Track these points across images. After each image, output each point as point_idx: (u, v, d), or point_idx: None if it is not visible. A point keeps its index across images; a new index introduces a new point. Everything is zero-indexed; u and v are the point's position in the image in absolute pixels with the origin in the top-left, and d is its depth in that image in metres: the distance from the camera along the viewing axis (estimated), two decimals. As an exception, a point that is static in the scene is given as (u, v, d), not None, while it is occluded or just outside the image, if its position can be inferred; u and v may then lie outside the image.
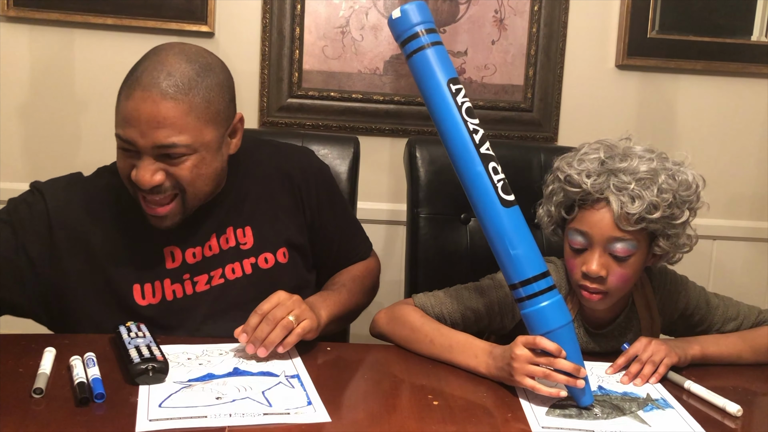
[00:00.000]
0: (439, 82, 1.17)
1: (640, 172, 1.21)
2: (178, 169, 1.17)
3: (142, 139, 1.13)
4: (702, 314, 1.40)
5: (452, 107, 1.16)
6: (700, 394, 1.17)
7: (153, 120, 1.12)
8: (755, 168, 2.20)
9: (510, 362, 1.12)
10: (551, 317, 1.12)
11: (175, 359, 1.15)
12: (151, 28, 1.97)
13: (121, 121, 1.15)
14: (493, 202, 1.15)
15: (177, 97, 1.12)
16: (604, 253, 1.23)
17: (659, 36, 2.09)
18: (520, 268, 1.14)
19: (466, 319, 1.32)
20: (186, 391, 1.04)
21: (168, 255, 1.27)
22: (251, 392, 1.05)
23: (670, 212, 1.22)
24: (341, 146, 1.68)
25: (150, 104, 1.11)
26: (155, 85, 1.12)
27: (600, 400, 1.14)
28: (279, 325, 1.15)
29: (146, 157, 1.15)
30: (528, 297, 1.14)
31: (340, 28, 2.04)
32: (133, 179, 1.16)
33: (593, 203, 1.23)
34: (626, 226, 1.21)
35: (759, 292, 2.22)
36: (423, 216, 1.66)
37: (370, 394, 1.10)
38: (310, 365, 1.16)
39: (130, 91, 1.13)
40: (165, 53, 1.17)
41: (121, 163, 1.19)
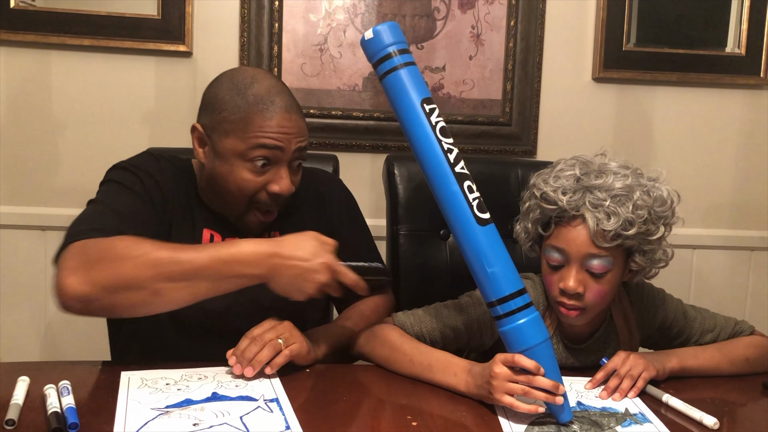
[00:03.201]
0: (412, 102, 1.18)
1: (615, 188, 1.22)
2: (295, 177, 1.35)
3: (288, 145, 1.30)
4: (680, 327, 1.41)
5: (426, 127, 1.17)
6: (678, 407, 1.18)
7: (297, 132, 1.31)
8: (732, 177, 2.22)
9: (489, 380, 1.12)
10: (529, 334, 1.13)
11: (153, 385, 1.14)
12: (128, 49, 1.97)
13: (262, 135, 1.28)
14: (468, 221, 1.15)
15: (299, 112, 1.34)
16: (581, 270, 1.24)
17: (635, 48, 2.11)
18: (497, 286, 1.14)
19: (446, 337, 1.32)
20: (163, 418, 1.03)
21: (207, 235, 1.37)
22: (229, 417, 1.04)
23: (645, 228, 1.23)
24: (320, 164, 1.69)
25: (292, 121, 1.31)
26: (291, 106, 1.32)
27: (579, 416, 1.14)
28: (267, 345, 1.19)
29: (283, 169, 1.31)
30: (505, 315, 1.14)
31: (318, 46, 2.05)
32: (276, 191, 1.31)
33: (569, 220, 1.24)
34: (602, 243, 1.22)
35: (739, 299, 2.24)
36: (403, 233, 1.66)
37: (349, 416, 1.09)
38: (290, 388, 1.16)
39: (269, 113, 1.29)
40: (266, 78, 1.34)
41: (252, 182, 1.31)
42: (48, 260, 2.00)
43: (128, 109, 2.01)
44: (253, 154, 1.29)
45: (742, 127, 2.20)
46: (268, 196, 1.32)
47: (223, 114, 1.30)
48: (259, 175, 1.31)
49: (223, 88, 1.32)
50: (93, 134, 2.00)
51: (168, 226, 1.33)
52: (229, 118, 1.29)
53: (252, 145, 1.28)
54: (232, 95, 1.30)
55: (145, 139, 2.01)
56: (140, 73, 2.00)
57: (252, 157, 1.29)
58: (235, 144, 1.29)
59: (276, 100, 1.30)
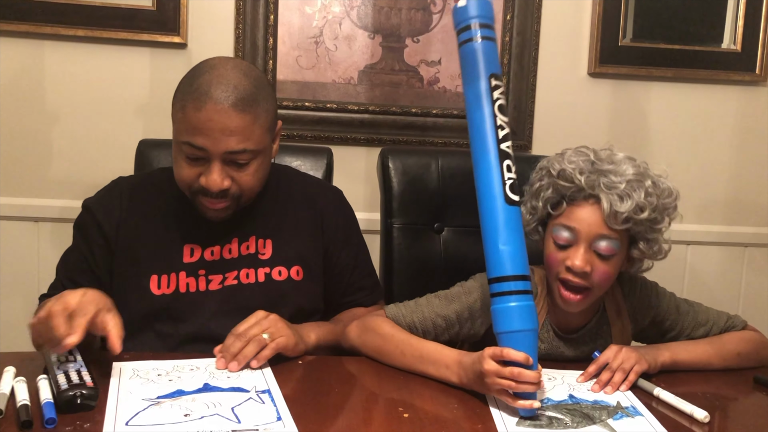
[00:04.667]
0: (479, 73, 1.22)
1: (628, 174, 1.25)
2: (242, 174, 1.29)
3: (215, 146, 1.24)
4: (672, 320, 1.41)
5: (485, 99, 1.20)
6: (669, 400, 1.18)
7: (226, 129, 1.23)
8: (727, 173, 2.22)
9: (482, 377, 1.12)
10: (518, 318, 1.13)
11: (145, 376, 1.14)
12: (122, 40, 1.96)
13: (191, 130, 1.24)
14: (496, 196, 1.18)
15: (245, 109, 1.24)
16: (589, 250, 1.26)
17: (631, 44, 2.11)
18: (503, 264, 1.16)
19: (437, 326, 1.32)
20: (154, 409, 1.03)
21: (188, 251, 1.36)
22: (220, 408, 1.04)
23: (653, 216, 1.26)
24: (315, 157, 1.68)
25: (223, 115, 1.23)
26: (226, 99, 1.23)
27: (570, 408, 1.14)
28: (252, 341, 1.19)
29: (215, 164, 1.26)
30: (501, 293, 1.15)
31: (313, 38, 2.04)
32: (204, 185, 1.27)
33: (583, 200, 1.26)
34: (614, 225, 1.24)
35: (732, 295, 2.25)
36: (397, 226, 1.66)
37: (340, 408, 1.09)
38: (281, 379, 1.16)
39: (200, 104, 1.23)
40: (223, 68, 1.27)
41: (186, 171, 1.29)
42: (41, 251, 2.00)
43: (122, 100, 2.00)
44: (183, 148, 1.27)
45: (737, 124, 2.20)
46: (201, 188, 1.29)
47: (174, 100, 1.30)
48: (192, 165, 1.28)
49: (186, 74, 1.32)
50: (87, 126, 1.99)
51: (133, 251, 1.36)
52: (175, 105, 1.29)
53: (182, 139, 1.26)
54: (185, 81, 1.29)
55: (139, 131, 2.00)
56: (135, 64, 1.99)
57: (184, 150, 1.27)
58: (174, 133, 1.30)
59: (213, 92, 1.23)
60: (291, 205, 1.45)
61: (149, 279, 1.34)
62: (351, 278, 1.48)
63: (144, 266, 1.35)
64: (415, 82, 2.09)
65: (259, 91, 1.28)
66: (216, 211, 1.32)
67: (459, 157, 1.77)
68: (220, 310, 1.34)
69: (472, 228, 1.69)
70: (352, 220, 1.53)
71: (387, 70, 2.08)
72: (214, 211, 1.32)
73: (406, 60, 2.08)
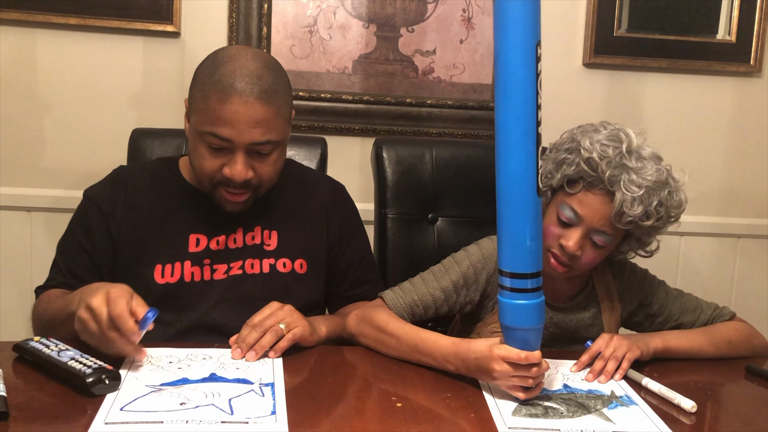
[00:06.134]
0: (529, 38, 1.03)
1: (649, 179, 1.25)
2: (263, 164, 1.30)
3: (240, 137, 1.25)
4: (660, 304, 1.45)
5: (532, 72, 1.04)
6: (657, 390, 1.19)
7: (252, 121, 1.24)
8: (720, 164, 2.23)
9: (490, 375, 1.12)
10: (536, 316, 1.12)
11: (157, 362, 1.15)
12: (115, 28, 1.95)
13: (215, 120, 1.24)
14: (530, 187, 1.08)
15: (269, 101, 1.25)
16: (585, 236, 1.29)
17: (626, 34, 2.11)
18: (528, 261, 1.11)
19: (437, 299, 1.35)
20: (153, 396, 1.03)
21: (193, 240, 1.36)
22: (218, 399, 1.03)
23: (657, 224, 1.30)
24: (308, 147, 1.68)
25: (249, 107, 1.23)
26: (251, 91, 1.24)
27: (565, 398, 1.15)
28: (269, 331, 1.20)
29: (240, 155, 1.26)
30: (522, 290, 1.11)
31: (307, 28, 2.03)
32: (228, 175, 1.27)
33: (599, 190, 1.27)
34: (617, 223, 1.27)
35: (725, 286, 2.26)
36: (391, 216, 1.66)
37: (333, 398, 1.09)
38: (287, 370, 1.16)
39: (225, 95, 1.23)
40: (244, 58, 1.27)
41: (208, 162, 1.28)
42: (34, 241, 1.99)
43: (115, 89, 1.99)
44: (206, 138, 1.27)
45: (732, 115, 2.20)
46: (224, 178, 1.29)
47: (194, 91, 1.29)
48: (215, 156, 1.28)
49: (204, 63, 1.31)
50: (79, 115, 1.98)
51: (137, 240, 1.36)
52: (196, 96, 1.28)
53: (205, 129, 1.26)
54: (205, 72, 1.28)
55: (133, 120, 1.99)
56: (128, 53, 1.98)
57: (207, 141, 1.27)
58: (196, 123, 1.28)
59: (237, 83, 1.23)
60: (297, 198, 1.45)
61: (153, 268, 1.34)
62: (356, 273, 1.49)
63: (148, 255, 1.35)
64: (410, 72, 2.08)
65: (280, 81, 1.29)
66: (236, 204, 1.33)
67: (453, 147, 1.77)
68: (224, 300, 1.34)
69: (466, 218, 1.71)
70: (356, 215, 1.53)
71: (381, 60, 2.07)
72: (234, 204, 1.33)
73: (400, 50, 2.07)
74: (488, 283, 1.38)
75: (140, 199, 1.38)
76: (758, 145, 2.22)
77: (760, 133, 2.21)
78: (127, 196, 1.38)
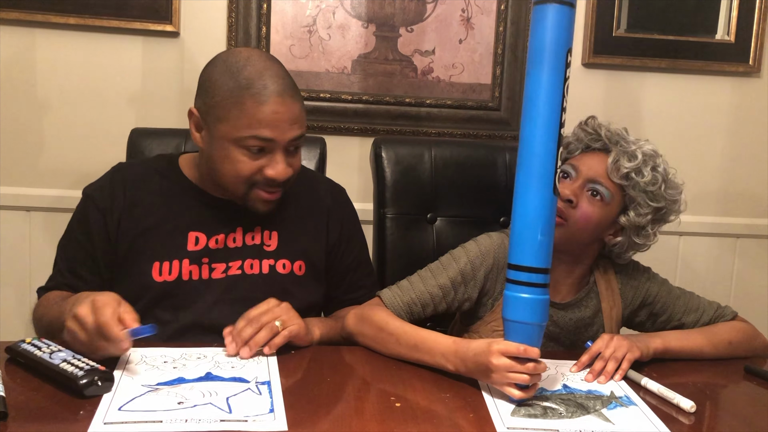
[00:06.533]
0: (563, 43, 1.12)
1: (646, 148, 1.38)
2: (295, 159, 1.33)
3: (282, 136, 1.27)
4: (663, 302, 1.45)
5: (560, 76, 1.12)
6: (656, 390, 1.19)
7: (290, 118, 1.27)
8: (719, 164, 2.23)
9: (488, 372, 1.12)
10: (541, 312, 1.13)
11: (152, 362, 1.15)
12: (114, 28, 1.95)
13: (255, 123, 1.25)
14: (548, 185, 1.13)
15: (296, 96, 1.30)
16: (582, 188, 1.36)
17: (625, 34, 2.11)
18: (538, 255, 1.13)
19: (435, 297, 1.35)
20: (151, 395, 1.03)
21: (192, 238, 1.36)
22: (215, 398, 1.03)
23: (651, 189, 1.35)
24: (307, 147, 1.67)
25: (287, 106, 1.27)
26: (284, 90, 1.27)
27: (565, 398, 1.15)
28: (264, 327, 1.20)
29: (279, 154, 1.29)
30: (530, 284, 1.13)
31: (307, 27, 2.03)
32: (272, 176, 1.29)
33: (596, 149, 1.39)
34: (613, 177, 1.35)
35: (724, 286, 2.26)
36: (390, 216, 1.66)
37: (332, 398, 1.09)
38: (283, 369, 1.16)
39: (262, 97, 1.25)
40: (259, 60, 1.29)
41: (247, 165, 1.29)
42: (33, 240, 1.99)
43: (114, 89, 1.99)
44: (247, 143, 1.27)
45: (731, 115, 2.20)
46: (265, 179, 1.30)
47: (216, 99, 1.27)
48: (254, 159, 1.28)
49: (216, 70, 1.29)
50: (78, 115, 1.98)
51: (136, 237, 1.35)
52: (222, 103, 1.27)
53: (244, 134, 1.26)
54: (225, 78, 1.27)
55: (132, 120, 1.99)
56: (127, 53, 1.98)
57: (246, 145, 1.27)
58: (228, 130, 1.27)
59: (269, 84, 1.25)
60: (298, 199, 1.45)
61: (152, 266, 1.34)
62: (353, 277, 1.49)
63: (147, 253, 1.35)
64: (409, 72, 2.08)
65: (290, 76, 1.33)
66: (270, 203, 1.34)
67: (452, 147, 1.77)
68: (222, 300, 1.34)
69: (465, 218, 1.70)
70: (356, 218, 1.53)
71: (381, 60, 2.07)
72: (269, 203, 1.33)
73: (399, 49, 2.07)
74: (486, 279, 1.38)
75: (140, 195, 1.38)
76: (757, 145, 2.22)
77: (759, 133, 2.21)
78: (127, 193, 1.38)
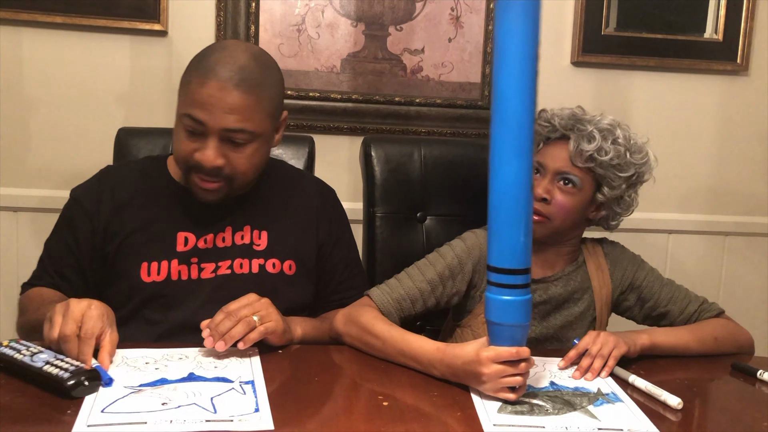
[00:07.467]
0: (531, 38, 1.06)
1: (601, 124, 1.39)
2: (238, 155, 1.29)
3: (213, 121, 1.25)
4: (650, 288, 1.47)
5: (533, 71, 1.06)
6: (643, 387, 1.19)
7: (226, 106, 1.25)
8: (708, 162, 2.23)
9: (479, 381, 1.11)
10: (525, 312, 1.11)
11: (133, 363, 1.14)
12: (101, 27, 1.94)
13: (192, 103, 1.26)
14: (528, 185, 1.10)
15: (248, 90, 1.26)
16: (552, 182, 1.38)
17: (614, 33, 2.11)
18: (520, 256, 1.11)
19: (423, 292, 1.36)
20: (133, 397, 1.03)
21: (181, 239, 1.36)
22: (199, 398, 1.03)
23: (617, 162, 1.37)
24: (296, 146, 1.67)
25: (225, 93, 1.24)
26: (230, 78, 1.25)
27: (552, 396, 1.15)
28: (241, 321, 1.18)
29: (212, 140, 1.27)
30: (508, 286, 1.11)
31: (296, 26, 2.03)
32: (198, 159, 1.27)
33: (556, 140, 1.40)
34: (578, 162, 1.37)
35: (713, 284, 2.27)
36: (379, 215, 1.66)
37: (320, 397, 1.09)
38: (267, 369, 1.15)
39: (205, 80, 1.25)
40: (234, 49, 1.30)
41: (184, 145, 1.29)
42: (20, 241, 1.98)
43: (102, 89, 1.98)
44: (183, 121, 1.28)
45: (719, 113, 2.21)
46: (196, 163, 1.29)
47: (182, 77, 1.31)
48: (190, 140, 1.29)
49: (197, 54, 1.33)
50: (65, 114, 1.97)
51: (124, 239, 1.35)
52: (182, 81, 1.31)
53: (183, 111, 1.28)
54: (195, 59, 1.31)
55: (120, 120, 1.98)
56: (114, 52, 1.97)
57: (183, 123, 1.28)
58: (178, 106, 1.31)
59: (220, 69, 1.25)
60: (287, 199, 1.45)
61: (140, 266, 1.33)
62: (341, 277, 1.48)
63: (135, 254, 1.34)
64: (399, 71, 2.08)
65: (266, 76, 1.30)
66: (207, 192, 1.31)
67: (442, 145, 1.77)
68: (211, 299, 1.32)
69: (455, 217, 1.70)
70: (345, 219, 1.53)
71: (370, 59, 2.07)
72: (206, 192, 1.32)
73: (389, 48, 2.07)
74: (474, 272, 1.39)
75: (127, 198, 1.38)
76: (745, 143, 2.23)
77: (747, 131, 2.22)
78: (114, 196, 1.37)
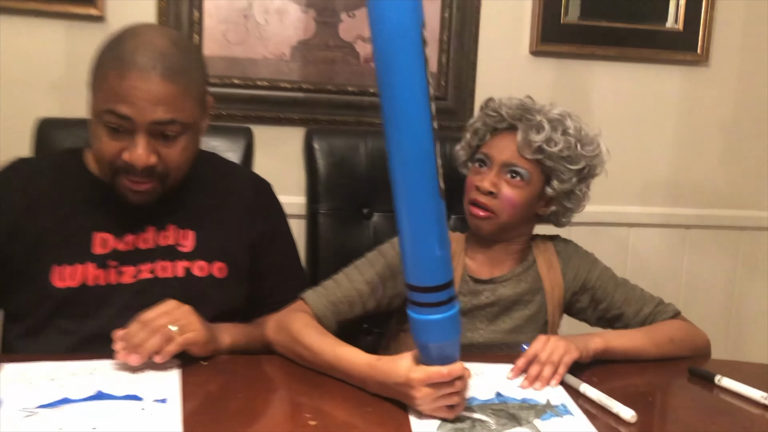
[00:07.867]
0: (416, 20, 0.90)
1: (551, 114, 1.34)
2: (170, 150, 1.19)
3: (140, 116, 1.14)
4: (604, 288, 1.42)
5: (420, 59, 0.91)
6: (595, 398, 1.12)
7: (153, 98, 1.14)
8: (669, 155, 2.19)
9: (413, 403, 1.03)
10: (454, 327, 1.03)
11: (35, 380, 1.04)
12: (34, 11, 1.82)
13: (114, 97, 1.15)
14: (432, 189, 0.95)
15: (174, 78, 1.16)
16: (499, 174, 1.33)
17: (573, 22, 2.05)
18: (440, 272, 0.99)
19: (362, 294, 1.30)
20: (27, 422, 0.92)
21: (98, 240, 1.25)
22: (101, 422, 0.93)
23: (567, 154, 1.33)
24: (231, 137, 1.58)
25: (150, 83, 1.14)
26: (153, 67, 1.14)
27: (496, 409, 1.08)
28: (158, 332, 1.09)
29: (141, 137, 1.16)
30: (437, 303, 0.99)
31: (242, 12, 1.93)
32: (128, 160, 1.17)
33: (504, 130, 1.36)
34: (526, 154, 1.32)
35: (674, 277, 2.23)
36: (322, 212, 1.58)
37: (242, 416, 1.00)
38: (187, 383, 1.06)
39: (123, 71, 1.14)
40: (148, 35, 1.19)
41: (107, 145, 1.18)
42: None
43: (36, 76, 1.86)
44: (104, 118, 1.17)
45: (679, 104, 2.17)
46: (125, 164, 1.18)
47: (92, 69, 1.20)
48: (114, 139, 1.18)
49: (106, 42, 1.21)
50: (-5, 103, 1.86)
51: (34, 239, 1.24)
52: (94, 73, 1.20)
53: (102, 107, 1.17)
54: (106, 49, 1.19)
55: (55, 108, 1.87)
56: (48, 37, 1.86)
57: (105, 120, 1.17)
58: (94, 103, 1.19)
59: (139, 58, 1.14)
60: (216, 195, 1.35)
61: (50, 270, 1.23)
62: (277, 279, 1.39)
63: (46, 257, 1.23)
64: (351, 59, 2.00)
65: (189, 60, 1.20)
66: (139, 194, 1.21)
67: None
68: (131, 306, 1.21)
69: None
70: (282, 216, 1.43)
71: (321, 46, 1.98)
72: (137, 194, 1.21)
73: (341, 35, 1.98)
74: None
75: (40, 194, 1.27)
76: (706, 134, 2.19)
77: (708, 122, 2.19)
78: (26, 191, 1.26)
